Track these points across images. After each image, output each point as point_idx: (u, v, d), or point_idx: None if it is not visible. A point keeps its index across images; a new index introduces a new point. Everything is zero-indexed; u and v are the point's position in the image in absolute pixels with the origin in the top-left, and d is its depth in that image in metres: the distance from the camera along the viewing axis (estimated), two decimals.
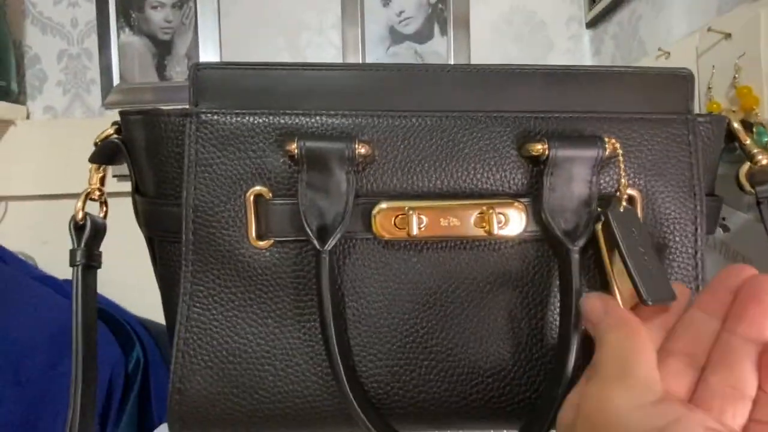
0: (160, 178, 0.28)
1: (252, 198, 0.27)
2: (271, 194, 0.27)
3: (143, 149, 0.28)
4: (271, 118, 0.27)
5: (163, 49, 0.73)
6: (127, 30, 0.72)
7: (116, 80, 0.73)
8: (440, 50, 0.73)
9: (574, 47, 0.75)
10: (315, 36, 0.75)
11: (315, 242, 0.25)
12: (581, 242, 0.25)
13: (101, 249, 0.31)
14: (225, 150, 0.27)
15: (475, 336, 0.27)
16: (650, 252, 0.24)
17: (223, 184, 0.27)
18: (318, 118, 0.27)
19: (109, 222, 0.32)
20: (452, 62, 0.73)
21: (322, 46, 0.75)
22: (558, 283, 0.27)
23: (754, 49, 0.35)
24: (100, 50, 0.72)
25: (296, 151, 0.25)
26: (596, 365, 0.21)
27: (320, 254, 0.25)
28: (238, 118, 0.27)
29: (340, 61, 0.73)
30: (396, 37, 0.73)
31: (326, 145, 0.26)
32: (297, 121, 0.27)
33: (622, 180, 0.26)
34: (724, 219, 0.44)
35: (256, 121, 0.27)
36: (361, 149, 0.26)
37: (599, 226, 0.25)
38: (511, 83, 0.28)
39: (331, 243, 0.25)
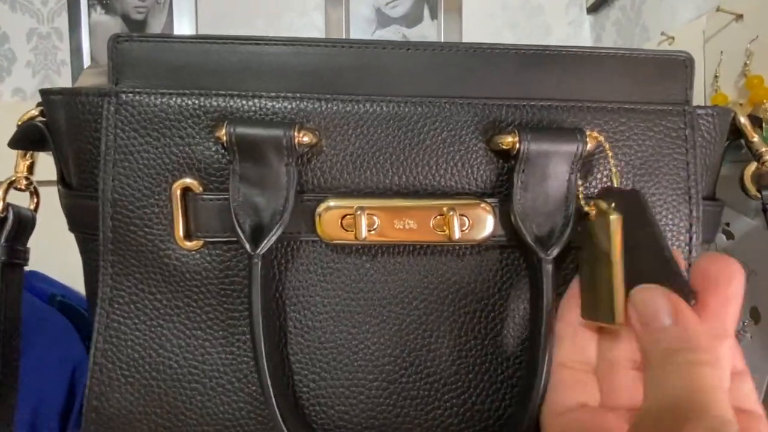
0: (81, 166, 0.25)
1: (179, 192, 0.23)
2: (201, 188, 0.23)
3: (64, 133, 0.25)
4: (201, 99, 0.23)
5: (136, 29, 0.69)
6: (98, 9, 0.68)
7: (87, 61, 0.69)
8: (430, 35, 0.68)
9: (573, 34, 0.70)
10: (297, 17, 0.70)
11: (246, 245, 0.22)
12: (555, 251, 0.22)
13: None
14: (148, 136, 0.23)
15: (433, 354, 0.24)
16: None
17: (145, 175, 0.23)
18: (256, 100, 0.23)
19: None
20: None
21: (305, 28, 0.71)
22: (529, 296, 0.24)
23: None
24: (71, 30, 0.68)
25: (225, 138, 0.22)
26: (650, 405, 0.16)
27: (251, 258, 0.22)
28: (164, 99, 0.23)
29: None
30: (383, 19, 0.68)
31: (261, 132, 0.22)
32: (232, 103, 0.23)
33: (614, 180, 0.22)
34: (728, 225, 0.40)
35: (184, 103, 0.23)
36: (304, 138, 0.22)
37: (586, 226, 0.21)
38: (480, 65, 0.24)
39: (266, 246, 0.22)
